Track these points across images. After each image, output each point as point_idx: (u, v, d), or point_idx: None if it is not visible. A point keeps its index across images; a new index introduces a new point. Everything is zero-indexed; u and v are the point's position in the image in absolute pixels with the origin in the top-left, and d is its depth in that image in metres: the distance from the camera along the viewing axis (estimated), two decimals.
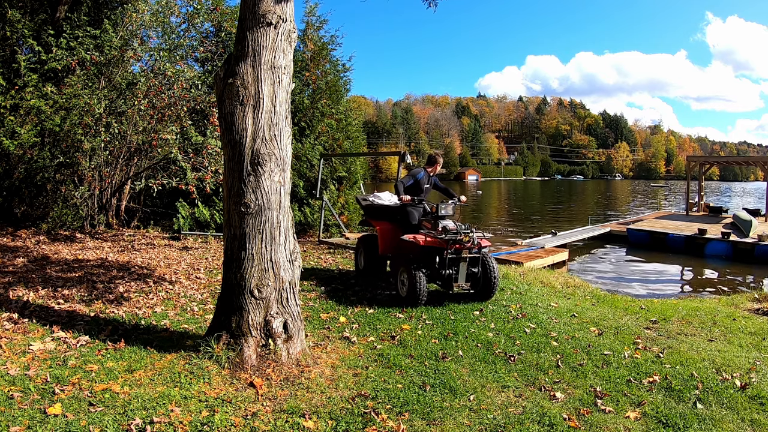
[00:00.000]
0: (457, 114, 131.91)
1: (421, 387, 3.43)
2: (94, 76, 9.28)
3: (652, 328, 5.04)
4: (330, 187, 11.78)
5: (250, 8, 3.73)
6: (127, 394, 3.05)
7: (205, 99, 9.82)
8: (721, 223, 16.89)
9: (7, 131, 8.57)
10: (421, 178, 6.41)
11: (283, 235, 3.79)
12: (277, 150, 3.75)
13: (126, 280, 5.97)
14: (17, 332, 4.00)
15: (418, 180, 6.40)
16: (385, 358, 3.93)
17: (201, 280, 6.39)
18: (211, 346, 3.59)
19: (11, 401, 2.88)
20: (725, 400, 3.43)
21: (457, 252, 5.54)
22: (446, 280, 5.62)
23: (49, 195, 9.41)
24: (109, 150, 9.53)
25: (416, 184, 6.41)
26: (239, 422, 2.85)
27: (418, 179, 6.40)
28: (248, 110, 3.69)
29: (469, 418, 3.05)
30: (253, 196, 3.65)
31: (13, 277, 5.77)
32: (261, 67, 3.71)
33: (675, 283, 11.79)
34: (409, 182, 6.34)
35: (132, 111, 9.45)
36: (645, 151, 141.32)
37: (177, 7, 10.26)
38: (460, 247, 5.50)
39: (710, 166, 25.66)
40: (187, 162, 9.24)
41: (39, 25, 9.47)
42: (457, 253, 5.54)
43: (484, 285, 5.72)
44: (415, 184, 6.40)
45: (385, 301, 5.70)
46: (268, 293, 3.69)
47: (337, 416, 2.98)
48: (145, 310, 4.90)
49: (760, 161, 22.39)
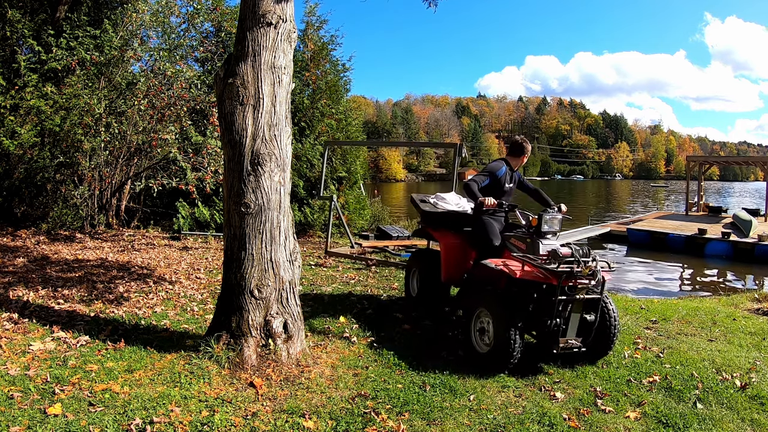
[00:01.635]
0: (457, 114, 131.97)
1: (421, 387, 3.43)
2: (94, 76, 9.28)
3: (652, 328, 5.04)
4: (330, 187, 11.77)
5: (250, 8, 3.73)
6: (127, 394, 3.05)
7: (205, 99, 9.81)
8: (721, 223, 16.89)
9: (7, 131, 8.56)
10: (502, 176, 4.62)
11: (283, 235, 3.79)
12: (277, 150, 3.75)
13: (126, 280, 5.97)
14: (17, 332, 4.00)
15: (498, 178, 4.59)
16: (385, 358, 3.93)
17: (201, 280, 6.39)
18: (211, 346, 3.59)
19: (11, 401, 2.88)
20: (725, 400, 3.43)
21: (569, 290, 3.71)
22: (549, 334, 3.75)
23: (49, 195, 9.40)
24: (109, 150, 9.52)
25: (495, 184, 4.59)
26: (239, 422, 2.85)
27: (498, 177, 4.59)
28: (248, 110, 3.69)
29: (469, 418, 3.05)
30: (253, 196, 3.65)
31: (13, 277, 5.77)
32: (261, 67, 3.71)
33: (675, 283, 11.79)
34: (484, 182, 4.55)
35: (132, 111, 9.45)
36: (645, 151, 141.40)
37: (177, 7, 10.26)
38: (575, 284, 3.69)
39: (710, 166, 25.67)
40: (187, 162, 9.23)
41: (39, 25, 9.47)
42: (568, 292, 3.71)
43: (600, 339, 3.91)
44: (493, 183, 4.58)
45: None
46: (268, 293, 3.69)
47: (337, 416, 2.98)
48: (145, 310, 4.90)
49: (760, 161, 22.40)
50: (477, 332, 3.95)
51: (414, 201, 5.60)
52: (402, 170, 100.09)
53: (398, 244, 9.81)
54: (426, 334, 4.58)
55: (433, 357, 4.00)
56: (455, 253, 4.81)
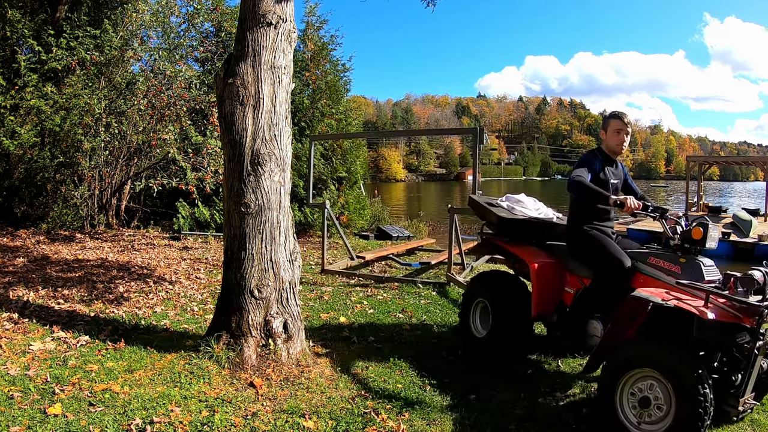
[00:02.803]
0: (457, 114, 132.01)
1: (421, 387, 3.43)
2: (94, 76, 9.28)
3: None
4: (330, 187, 11.75)
5: (250, 8, 3.73)
6: (127, 394, 3.05)
7: (205, 99, 9.81)
8: (721, 223, 16.88)
9: (7, 131, 8.57)
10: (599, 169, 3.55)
11: (283, 235, 3.79)
12: (277, 150, 3.75)
13: (126, 280, 5.97)
14: (17, 332, 4.00)
15: (597, 173, 3.53)
16: (385, 358, 3.92)
17: (201, 280, 6.39)
18: (211, 346, 3.59)
19: (11, 401, 2.88)
20: None
21: (751, 334, 2.73)
22: (727, 395, 2.76)
23: (49, 195, 9.40)
24: (109, 150, 9.52)
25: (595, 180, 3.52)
26: (239, 422, 2.85)
27: (596, 171, 3.53)
28: (248, 110, 3.69)
29: (469, 418, 3.05)
30: (253, 196, 3.65)
31: (13, 277, 5.77)
32: (261, 67, 3.71)
33: None
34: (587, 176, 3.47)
35: (132, 111, 9.45)
36: (645, 151, 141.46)
37: (177, 7, 10.25)
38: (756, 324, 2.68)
39: (710, 166, 25.66)
40: (187, 162, 9.23)
41: (39, 25, 9.47)
42: (751, 335, 2.73)
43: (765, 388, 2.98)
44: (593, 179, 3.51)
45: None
46: (268, 293, 3.69)
47: (337, 416, 2.98)
48: (145, 310, 4.90)
49: (760, 161, 22.40)
50: (632, 405, 2.72)
51: (478, 204, 4.29)
52: (402, 170, 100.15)
53: (402, 249, 8.95)
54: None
55: (433, 357, 3.99)
56: (550, 277, 3.71)
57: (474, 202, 4.38)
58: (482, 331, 4.06)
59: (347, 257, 7.85)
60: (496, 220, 4.07)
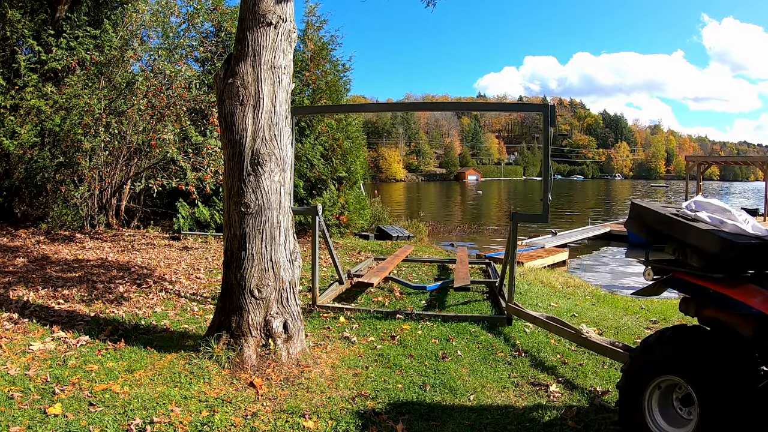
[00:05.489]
0: (457, 114, 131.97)
1: (421, 387, 3.43)
2: (94, 76, 9.28)
3: (652, 328, 5.04)
4: (330, 187, 11.74)
5: (250, 8, 3.73)
6: (127, 394, 3.05)
7: (205, 99, 9.81)
8: None
9: (7, 131, 8.57)
10: None
11: (283, 235, 3.79)
12: (277, 150, 3.76)
13: (126, 280, 5.97)
14: (17, 332, 4.00)
15: None
16: (385, 358, 3.93)
17: (201, 280, 6.39)
18: (211, 346, 3.59)
19: (11, 401, 2.88)
20: None
21: None
22: None
23: (49, 195, 9.41)
24: (108, 150, 9.52)
25: None
26: (239, 422, 2.85)
27: None
28: (248, 110, 3.69)
29: (469, 418, 3.05)
30: (253, 196, 3.65)
31: (13, 277, 5.77)
32: (261, 67, 3.71)
33: None
34: None
35: (132, 111, 9.45)
36: (645, 151, 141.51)
37: (177, 7, 10.26)
38: None
39: (710, 165, 25.68)
40: (186, 162, 9.23)
41: (39, 25, 9.47)
42: None
43: None
44: None
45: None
46: (268, 293, 3.69)
47: (337, 416, 2.98)
48: (145, 310, 4.90)
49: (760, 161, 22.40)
50: None
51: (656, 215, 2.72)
52: (402, 170, 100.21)
53: (401, 261, 7.81)
54: None
55: (433, 357, 3.99)
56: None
57: (647, 211, 2.78)
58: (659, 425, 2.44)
59: (347, 275, 6.50)
60: (718, 247, 2.28)
